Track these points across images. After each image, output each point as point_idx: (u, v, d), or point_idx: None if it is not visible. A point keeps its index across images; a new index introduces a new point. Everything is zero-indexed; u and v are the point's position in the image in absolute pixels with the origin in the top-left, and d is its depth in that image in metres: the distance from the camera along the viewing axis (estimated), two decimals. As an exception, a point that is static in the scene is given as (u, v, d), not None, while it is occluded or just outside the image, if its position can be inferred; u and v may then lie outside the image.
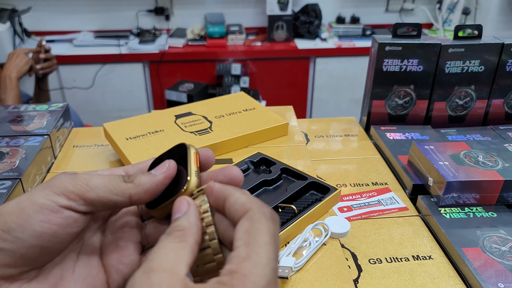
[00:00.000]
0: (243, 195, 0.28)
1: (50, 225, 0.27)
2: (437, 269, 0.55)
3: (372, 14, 2.55)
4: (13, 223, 0.26)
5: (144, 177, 0.30)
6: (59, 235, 0.27)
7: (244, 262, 0.24)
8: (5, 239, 0.26)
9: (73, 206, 0.28)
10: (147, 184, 0.29)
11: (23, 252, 0.26)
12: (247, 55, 2.28)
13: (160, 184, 0.30)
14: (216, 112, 0.87)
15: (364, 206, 0.67)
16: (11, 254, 0.26)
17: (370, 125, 0.90)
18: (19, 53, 1.48)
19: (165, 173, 0.30)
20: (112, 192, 0.29)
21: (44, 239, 0.27)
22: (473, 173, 0.63)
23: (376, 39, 0.84)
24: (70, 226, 0.28)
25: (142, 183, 0.29)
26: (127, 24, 2.43)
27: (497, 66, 0.85)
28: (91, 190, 0.28)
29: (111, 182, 0.29)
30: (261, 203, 0.28)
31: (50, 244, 0.27)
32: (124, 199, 0.29)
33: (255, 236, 0.25)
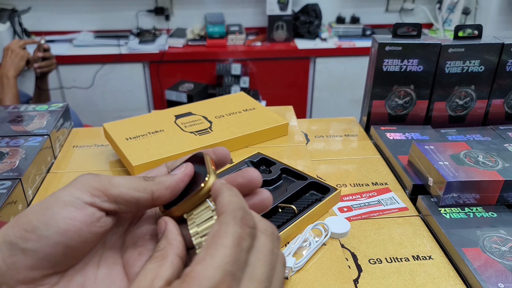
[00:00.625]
0: (228, 196, 0.28)
1: (74, 221, 0.27)
2: (437, 269, 0.55)
3: (372, 14, 2.55)
4: (37, 221, 0.26)
5: (164, 176, 0.30)
6: (83, 233, 0.27)
7: (198, 264, 0.24)
8: (28, 238, 0.26)
9: (97, 202, 0.28)
10: (167, 181, 0.30)
11: (47, 252, 0.26)
12: (247, 55, 2.28)
13: (180, 181, 0.30)
14: (216, 112, 0.87)
15: (364, 206, 0.67)
16: (34, 254, 0.26)
17: (370, 125, 0.90)
18: (14, 48, 1.45)
19: (184, 171, 0.31)
20: (135, 188, 0.29)
21: (68, 236, 0.26)
22: (473, 173, 0.63)
23: (376, 39, 0.84)
24: (94, 225, 0.28)
25: (163, 180, 0.30)
26: (127, 24, 2.43)
27: (497, 66, 0.85)
28: (114, 187, 0.28)
29: (133, 180, 0.29)
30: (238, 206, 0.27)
31: (74, 242, 0.27)
32: (146, 195, 0.29)
33: (217, 238, 0.25)
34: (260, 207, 0.31)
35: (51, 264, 0.26)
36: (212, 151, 0.33)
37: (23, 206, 0.66)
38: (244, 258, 0.25)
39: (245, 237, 0.26)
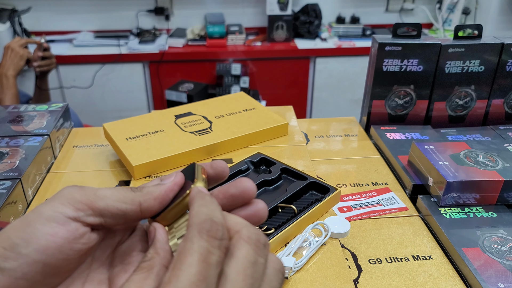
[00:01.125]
0: (197, 207, 0.26)
1: (55, 238, 0.25)
2: (437, 269, 0.55)
3: (372, 14, 2.55)
4: (17, 238, 0.25)
5: (153, 187, 0.29)
6: (64, 250, 0.26)
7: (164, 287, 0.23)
8: (7, 257, 0.24)
9: (80, 217, 0.27)
10: (156, 192, 0.29)
11: (25, 271, 0.25)
12: (247, 55, 2.28)
13: (169, 191, 0.29)
14: (216, 112, 0.87)
15: (364, 206, 0.67)
16: (11, 273, 0.24)
17: (370, 125, 0.90)
18: (14, 47, 1.45)
19: (174, 180, 0.29)
20: (121, 200, 0.28)
21: (48, 254, 0.25)
22: (473, 173, 0.63)
23: (376, 39, 0.84)
24: (76, 241, 0.26)
25: (151, 191, 0.29)
26: (127, 24, 2.43)
27: (497, 66, 0.85)
28: (100, 200, 0.27)
29: (120, 191, 0.28)
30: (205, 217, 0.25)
31: (54, 260, 0.25)
32: (134, 207, 0.28)
33: (181, 257, 0.24)
34: (254, 218, 0.30)
35: (29, 285, 0.25)
36: (209, 165, 0.32)
37: (23, 206, 0.66)
38: (214, 274, 0.24)
39: (213, 251, 0.24)
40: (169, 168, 0.74)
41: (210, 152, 0.77)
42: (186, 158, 0.75)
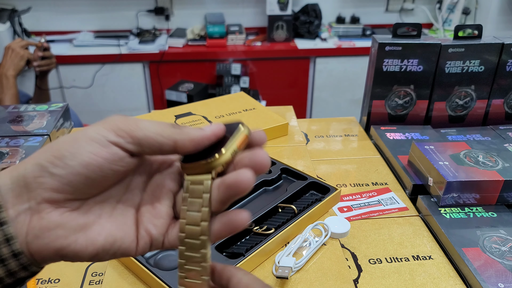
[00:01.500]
0: (245, 275, 0.30)
1: (97, 157, 0.28)
2: (437, 269, 0.55)
3: (372, 14, 2.55)
4: (65, 151, 0.28)
5: (192, 129, 0.31)
6: (104, 169, 0.29)
7: None
8: (57, 165, 0.28)
9: (121, 142, 0.29)
10: (193, 134, 0.30)
11: (71, 179, 0.28)
12: (247, 55, 2.28)
13: (205, 138, 0.31)
14: (216, 112, 0.87)
15: (364, 206, 0.67)
16: (59, 179, 0.28)
17: (370, 125, 0.90)
18: (15, 47, 1.45)
19: (213, 130, 0.31)
20: (159, 133, 0.30)
21: (90, 169, 0.28)
22: (473, 173, 0.63)
23: (376, 39, 0.84)
24: (116, 163, 0.29)
25: (188, 132, 0.30)
26: (127, 24, 2.43)
27: (497, 66, 0.85)
28: (140, 130, 0.30)
29: (160, 126, 0.30)
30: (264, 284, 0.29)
31: (95, 175, 0.29)
32: (170, 142, 0.30)
33: None
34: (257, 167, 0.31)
35: (73, 190, 0.29)
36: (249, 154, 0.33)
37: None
38: None
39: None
40: (169, 168, 0.74)
41: (210, 152, 0.77)
42: (186, 158, 0.75)
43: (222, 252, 0.53)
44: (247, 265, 0.52)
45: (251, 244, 0.54)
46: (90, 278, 0.54)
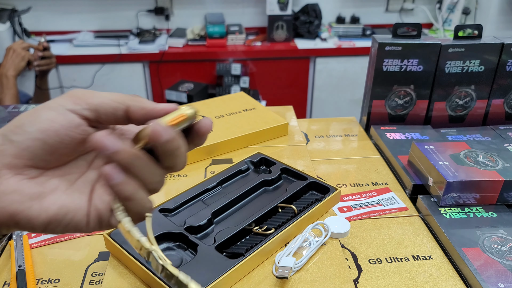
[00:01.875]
0: None
1: (54, 123, 0.30)
2: (437, 269, 0.55)
3: (372, 14, 2.55)
4: (25, 119, 0.31)
5: (147, 100, 0.33)
6: (61, 134, 0.30)
7: None
8: (16, 132, 0.30)
9: (77, 109, 0.31)
10: (145, 104, 0.32)
11: (29, 144, 0.30)
12: (247, 55, 2.28)
13: (156, 110, 0.32)
14: (216, 112, 0.87)
15: (364, 206, 0.67)
16: (18, 145, 0.30)
17: (370, 125, 0.90)
18: (16, 48, 1.45)
19: (165, 107, 0.32)
20: (114, 99, 0.32)
21: (47, 134, 0.30)
22: (473, 173, 0.63)
23: (376, 39, 0.84)
24: (72, 129, 0.31)
25: (142, 101, 0.32)
26: (127, 24, 2.43)
27: (497, 66, 0.85)
28: (96, 97, 0.32)
29: (116, 94, 0.32)
30: None
31: (52, 141, 0.30)
32: (123, 107, 0.32)
33: None
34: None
35: (31, 156, 0.30)
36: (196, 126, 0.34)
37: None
38: None
39: None
40: (169, 168, 0.74)
41: (210, 152, 0.77)
42: (186, 158, 0.75)
43: (222, 252, 0.53)
44: (247, 265, 0.52)
45: (251, 244, 0.54)
46: (90, 278, 0.54)
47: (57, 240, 0.60)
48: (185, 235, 0.55)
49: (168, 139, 0.30)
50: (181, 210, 0.61)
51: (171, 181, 0.72)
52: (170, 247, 0.55)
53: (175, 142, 0.31)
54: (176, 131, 0.31)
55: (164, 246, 0.55)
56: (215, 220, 0.60)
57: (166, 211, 0.60)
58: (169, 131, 0.30)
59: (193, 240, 0.54)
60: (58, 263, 0.57)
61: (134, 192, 0.31)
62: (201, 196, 0.64)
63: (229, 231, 0.56)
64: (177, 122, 0.32)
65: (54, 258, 0.57)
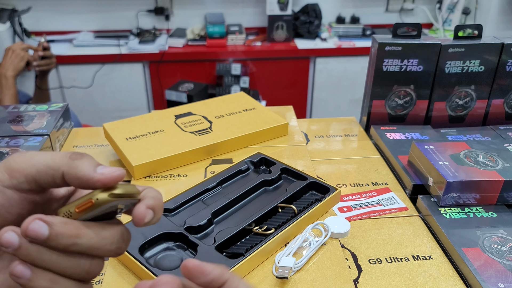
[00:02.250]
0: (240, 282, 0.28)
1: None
2: (437, 269, 0.55)
3: (372, 14, 2.55)
4: None
5: (86, 166, 0.28)
6: (3, 215, 0.28)
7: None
8: None
9: (15, 185, 0.28)
10: (81, 172, 0.28)
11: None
12: (247, 55, 2.28)
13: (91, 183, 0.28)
14: (216, 112, 0.87)
15: (364, 206, 0.67)
16: None
17: (370, 125, 0.90)
18: (15, 49, 1.45)
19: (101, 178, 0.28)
20: (50, 167, 0.29)
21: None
22: (473, 173, 0.63)
23: (376, 39, 0.84)
24: (13, 207, 0.28)
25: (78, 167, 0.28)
26: (127, 24, 2.43)
27: (497, 66, 0.85)
28: (33, 165, 0.28)
29: (53, 157, 0.29)
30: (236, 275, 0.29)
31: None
32: (59, 174, 0.29)
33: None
34: None
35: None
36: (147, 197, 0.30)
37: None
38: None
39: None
40: (169, 168, 0.74)
41: (210, 152, 0.78)
42: (186, 158, 0.75)
43: (222, 252, 0.53)
44: (247, 265, 0.52)
45: (251, 244, 0.54)
46: (90, 278, 0.54)
47: (57, 240, 0.60)
48: (185, 235, 0.55)
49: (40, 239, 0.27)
50: (181, 210, 0.61)
51: (171, 181, 0.72)
52: (170, 247, 0.55)
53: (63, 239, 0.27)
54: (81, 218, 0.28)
55: (164, 246, 0.55)
56: (215, 220, 0.60)
57: (166, 211, 0.60)
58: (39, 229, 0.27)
59: (193, 240, 0.54)
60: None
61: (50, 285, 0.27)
62: (201, 196, 0.64)
63: (229, 231, 0.56)
64: (83, 209, 0.28)
65: (54, 258, 0.57)
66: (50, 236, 0.27)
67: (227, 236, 0.55)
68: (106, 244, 0.29)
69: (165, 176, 0.73)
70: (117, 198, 0.28)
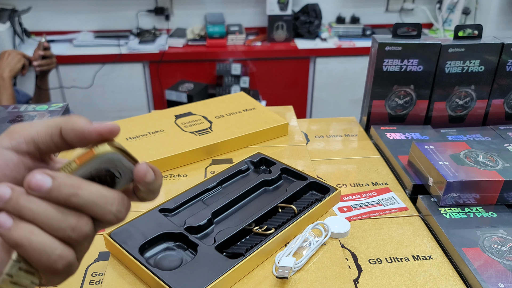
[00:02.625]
0: None
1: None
2: (437, 269, 0.55)
3: (372, 14, 2.55)
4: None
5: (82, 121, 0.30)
6: None
7: None
8: None
9: (14, 145, 0.29)
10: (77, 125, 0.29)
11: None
12: (247, 55, 2.28)
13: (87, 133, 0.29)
14: (216, 112, 0.87)
15: (364, 206, 0.67)
16: None
17: (370, 125, 0.90)
18: (11, 52, 1.47)
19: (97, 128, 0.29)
20: (48, 125, 0.30)
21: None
22: (473, 173, 0.63)
23: (376, 39, 0.84)
24: (9, 168, 0.29)
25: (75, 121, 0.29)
26: (127, 24, 2.43)
27: (497, 66, 0.85)
28: (32, 128, 0.30)
29: (53, 118, 0.30)
30: None
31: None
32: (56, 130, 0.30)
33: None
34: None
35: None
36: None
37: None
38: None
39: None
40: (169, 168, 0.74)
41: (210, 152, 0.78)
42: (186, 158, 0.75)
43: (222, 252, 0.53)
44: (247, 265, 0.52)
45: (251, 244, 0.54)
46: (90, 278, 0.54)
47: (57, 240, 0.60)
48: (185, 235, 0.55)
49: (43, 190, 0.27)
50: (181, 210, 0.61)
51: (171, 181, 0.72)
52: (170, 247, 0.55)
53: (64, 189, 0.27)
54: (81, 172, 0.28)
55: (164, 246, 0.55)
56: (215, 220, 0.60)
57: (166, 211, 0.60)
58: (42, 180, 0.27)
59: (193, 240, 0.54)
60: (58, 263, 0.57)
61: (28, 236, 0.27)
62: (201, 196, 0.64)
63: (229, 231, 0.56)
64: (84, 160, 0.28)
65: (54, 258, 0.57)
66: (52, 187, 0.27)
67: (227, 236, 0.55)
68: (107, 203, 0.29)
69: (165, 176, 0.73)
70: (117, 150, 0.29)
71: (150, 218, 0.58)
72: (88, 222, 0.29)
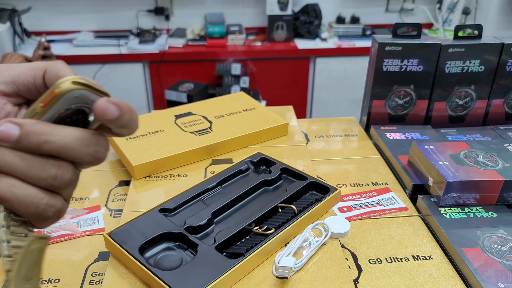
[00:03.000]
0: None
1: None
2: (437, 269, 0.55)
3: (372, 14, 2.55)
4: None
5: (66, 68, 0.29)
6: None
7: None
8: None
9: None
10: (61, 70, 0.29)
11: None
12: (247, 55, 2.28)
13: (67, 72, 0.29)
14: (216, 112, 0.87)
15: (364, 206, 0.67)
16: None
17: (370, 125, 0.90)
18: (13, 54, 1.48)
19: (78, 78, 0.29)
20: (32, 67, 0.29)
21: None
22: (473, 173, 0.63)
23: (376, 39, 0.84)
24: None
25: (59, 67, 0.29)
26: (127, 24, 2.43)
27: (497, 66, 0.85)
28: (14, 69, 0.29)
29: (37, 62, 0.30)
30: None
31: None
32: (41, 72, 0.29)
33: None
34: None
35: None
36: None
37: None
38: None
39: None
40: (169, 168, 0.74)
41: (210, 152, 0.78)
42: (186, 158, 0.75)
43: (222, 252, 0.53)
44: (247, 265, 0.52)
45: (251, 244, 0.54)
46: (90, 278, 0.54)
47: (57, 240, 0.60)
48: (185, 235, 0.55)
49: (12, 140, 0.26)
50: (181, 210, 0.61)
51: (171, 181, 0.72)
52: (170, 247, 0.55)
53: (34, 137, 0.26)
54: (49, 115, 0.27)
55: (164, 246, 0.55)
56: (215, 220, 0.60)
57: (166, 211, 0.60)
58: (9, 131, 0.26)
59: (193, 240, 0.54)
60: (58, 263, 0.57)
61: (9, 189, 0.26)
62: (201, 196, 0.64)
63: (229, 231, 0.56)
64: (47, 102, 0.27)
65: (54, 258, 0.57)
66: (21, 136, 0.26)
67: (227, 236, 0.55)
68: (82, 145, 0.28)
69: (165, 176, 0.73)
70: (81, 86, 0.27)
71: (150, 218, 0.58)
72: (69, 167, 0.28)
